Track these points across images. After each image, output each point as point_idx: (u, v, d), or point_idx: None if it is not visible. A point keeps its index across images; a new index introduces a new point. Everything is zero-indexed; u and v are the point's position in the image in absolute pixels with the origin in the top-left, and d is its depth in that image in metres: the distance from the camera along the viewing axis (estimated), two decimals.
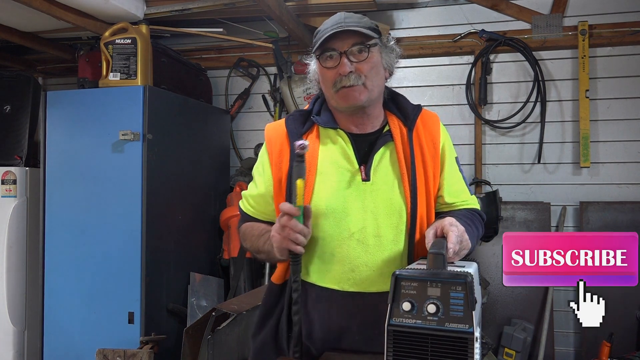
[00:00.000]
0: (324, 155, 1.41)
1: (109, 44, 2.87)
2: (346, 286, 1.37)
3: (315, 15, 3.19)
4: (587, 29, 3.06)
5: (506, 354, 2.95)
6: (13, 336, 3.07)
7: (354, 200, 1.37)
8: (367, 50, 1.35)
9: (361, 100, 1.36)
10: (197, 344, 2.33)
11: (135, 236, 2.73)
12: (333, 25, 1.34)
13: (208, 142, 3.38)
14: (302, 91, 3.35)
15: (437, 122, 1.47)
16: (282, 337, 1.43)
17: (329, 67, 1.35)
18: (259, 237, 1.44)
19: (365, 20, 1.37)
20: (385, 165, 1.40)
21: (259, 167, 1.50)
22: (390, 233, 1.36)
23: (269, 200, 1.46)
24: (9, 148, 3.25)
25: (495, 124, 3.24)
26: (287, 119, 1.47)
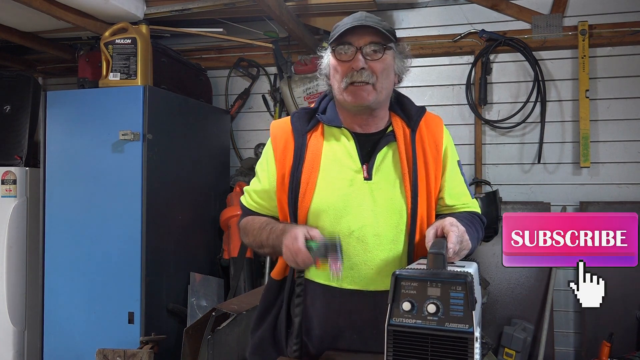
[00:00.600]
0: (327, 152, 1.42)
1: (109, 44, 2.87)
2: (345, 284, 1.38)
3: (315, 15, 3.19)
4: (587, 29, 3.06)
5: (506, 354, 2.95)
6: (13, 336, 3.07)
7: (355, 198, 1.38)
8: (382, 51, 1.36)
9: (369, 100, 1.37)
10: (197, 344, 2.33)
11: (135, 236, 2.73)
12: (353, 21, 1.35)
13: (208, 142, 3.38)
14: (302, 91, 3.35)
15: (441, 125, 1.49)
16: (281, 333, 1.44)
17: (343, 60, 1.36)
18: (260, 230, 1.44)
19: (385, 24, 1.39)
20: (388, 164, 1.41)
21: (263, 163, 1.51)
22: (390, 232, 1.37)
23: (272, 196, 1.47)
24: (9, 148, 3.25)
25: (495, 124, 3.24)
26: (293, 116, 1.49)
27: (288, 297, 1.44)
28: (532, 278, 3.08)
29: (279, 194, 1.44)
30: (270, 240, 1.39)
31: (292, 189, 1.40)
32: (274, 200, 1.47)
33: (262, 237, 1.42)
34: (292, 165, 1.41)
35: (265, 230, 1.42)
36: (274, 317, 1.47)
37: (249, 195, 1.54)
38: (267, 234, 1.41)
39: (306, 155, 1.42)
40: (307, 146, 1.43)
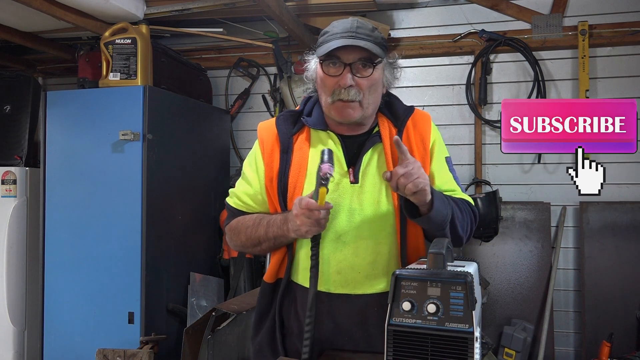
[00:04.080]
0: (313, 156, 1.41)
1: (109, 44, 2.87)
2: (332, 288, 1.37)
3: (315, 15, 3.19)
4: (587, 29, 3.06)
5: (506, 354, 2.95)
6: (13, 336, 3.07)
7: (342, 202, 1.37)
8: (371, 67, 1.34)
9: (354, 117, 1.37)
10: (197, 344, 2.32)
11: (135, 236, 2.73)
12: (344, 33, 1.33)
13: (208, 142, 3.38)
14: (302, 91, 3.35)
15: (428, 122, 1.47)
16: (278, 339, 1.43)
17: (331, 74, 1.35)
18: (256, 226, 1.42)
19: (376, 34, 1.36)
20: (374, 167, 1.40)
21: (252, 164, 1.49)
22: (377, 236, 1.36)
23: (262, 197, 1.46)
24: (9, 148, 3.25)
25: (495, 124, 3.24)
26: (278, 119, 1.48)
27: (280, 301, 1.43)
28: (532, 278, 3.08)
29: (269, 195, 1.43)
30: (271, 233, 1.37)
31: (280, 192, 1.40)
32: (265, 200, 1.46)
33: (260, 233, 1.40)
34: (279, 168, 1.40)
35: (261, 225, 1.40)
36: (271, 322, 1.46)
37: (238, 198, 1.51)
38: (264, 228, 1.39)
39: (292, 159, 1.41)
40: (293, 149, 1.42)
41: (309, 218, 1.24)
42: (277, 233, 1.36)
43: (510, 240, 3.14)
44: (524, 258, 3.11)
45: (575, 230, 3.15)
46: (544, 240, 3.10)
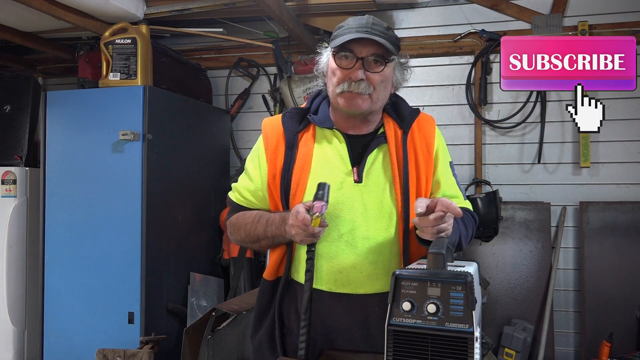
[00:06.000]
0: (318, 154, 1.41)
1: (109, 44, 2.87)
2: (334, 287, 1.37)
3: (315, 15, 3.19)
4: (587, 29, 3.06)
5: (506, 354, 2.95)
6: (13, 336, 3.07)
7: (345, 201, 1.37)
8: (383, 63, 1.35)
9: (363, 108, 1.37)
10: (197, 344, 2.33)
11: (135, 236, 2.73)
12: (359, 28, 1.33)
13: (208, 142, 3.38)
14: (302, 91, 3.35)
15: (433, 126, 1.48)
16: (277, 337, 1.43)
17: (343, 66, 1.35)
18: (255, 224, 1.42)
19: (391, 33, 1.37)
20: (378, 167, 1.40)
21: (255, 160, 1.50)
22: (379, 236, 1.36)
23: (264, 193, 1.46)
24: (9, 148, 3.25)
25: (495, 124, 3.24)
26: (284, 116, 1.48)
27: (280, 300, 1.43)
28: (532, 278, 3.08)
29: (271, 192, 1.43)
30: (270, 232, 1.38)
31: (283, 189, 1.40)
32: (265, 197, 1.46)
33: (259, 231, 1.41)
34: (283, 165, 1.40)
35: (260, 223, 1.41)
36: (271, 319, 1.46)
37: (240, 193, 1.52)
38: (263, 226, 1.39)
39: (297, 156, 1.41)
40: (298, 147, 1.42)
41: (304, 231, 1.25)
42: (275, 232, 1.36)
43: (510, 240, 3.14)
44: (524, 258, 3.11)
45: (575, 230, 3.15)
46: (544, 240, 3.10)
